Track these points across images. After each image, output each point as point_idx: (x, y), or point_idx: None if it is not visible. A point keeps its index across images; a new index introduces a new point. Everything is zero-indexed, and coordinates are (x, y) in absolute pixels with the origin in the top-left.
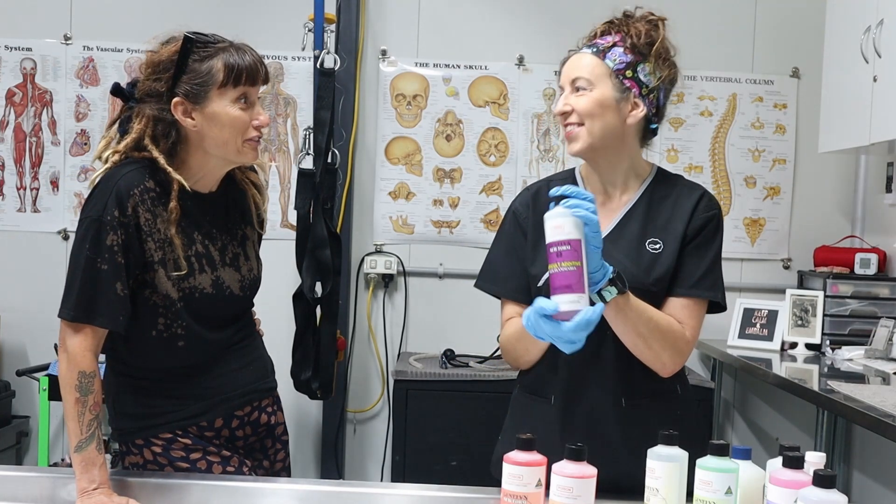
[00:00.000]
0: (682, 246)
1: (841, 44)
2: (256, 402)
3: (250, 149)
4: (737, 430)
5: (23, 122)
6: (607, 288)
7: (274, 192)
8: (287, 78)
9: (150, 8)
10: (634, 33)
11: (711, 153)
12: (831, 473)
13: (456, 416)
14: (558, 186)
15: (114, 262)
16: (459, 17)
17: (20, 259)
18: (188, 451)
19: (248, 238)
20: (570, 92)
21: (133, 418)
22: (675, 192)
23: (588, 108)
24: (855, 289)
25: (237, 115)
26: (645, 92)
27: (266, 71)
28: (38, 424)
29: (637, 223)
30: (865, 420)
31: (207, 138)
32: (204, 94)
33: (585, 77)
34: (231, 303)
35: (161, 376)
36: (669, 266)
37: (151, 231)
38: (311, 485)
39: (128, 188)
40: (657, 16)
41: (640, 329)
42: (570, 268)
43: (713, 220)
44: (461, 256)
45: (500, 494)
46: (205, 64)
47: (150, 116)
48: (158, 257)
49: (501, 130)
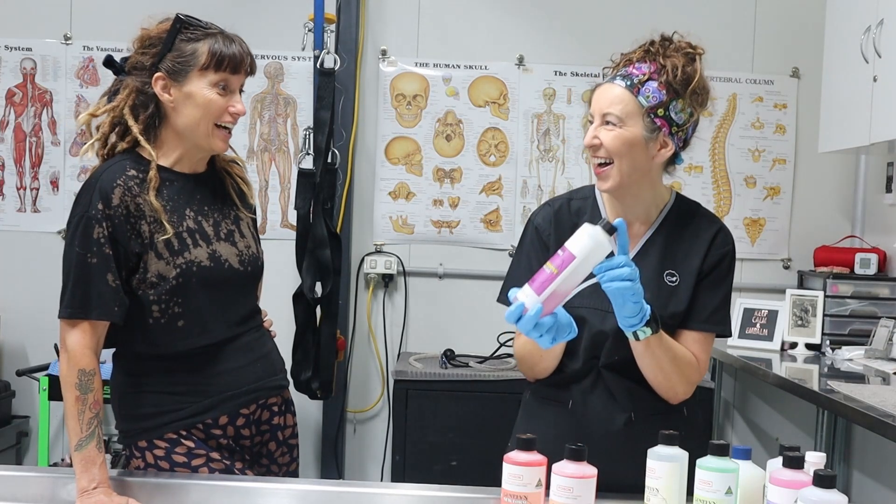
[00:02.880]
0: (698, 280)
1: (841, 44)
2: (263, 400)
3: (219, 138)
4: (737, 430)
5: (23, 122)
6: (642, 328)
7: (274, 192)
8: (287, 78)
9: (150, 8)
10: (671, 68)
11: (711, 153)
12: (831, 473)
13: (456, 416)
14: (604, 219)
15: (102, 254)
16: (459, 17)
17: (20, 259)
18: (190, 456)
19: (241, 219)
20: (600, 124)
21: (137, 419)
22: (693, 223)
23: (617, 146)
24: (855, 289)
25: (212, 98)
26: (675, 130)
27: (252, 63)
28: (38, 424)
29: (655, 255)
30: (865, 420)
31: (181, 116)
32: (185, 72)
33: (616, 114)
34: (231, 276)
35: (167, 368)
36: (685, 300)
37: (143, 214)
38: (311, 485)
39: (111, 181)
40: (695, 49)
41: (663, 365)
42: (547, 269)
43: (728, 255)
44: (461, 256)
45: (499, 494)
46: (190, 45)
47: (133, 88)
48: (150, 238)
49: (501, 130)
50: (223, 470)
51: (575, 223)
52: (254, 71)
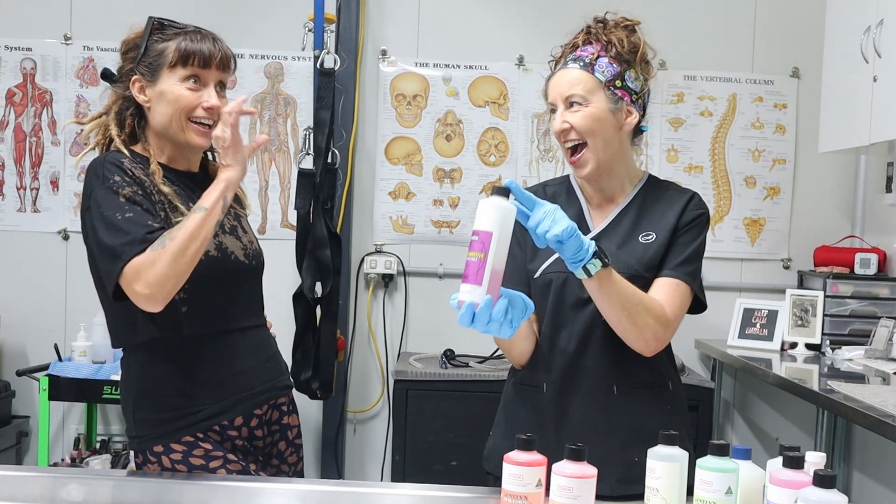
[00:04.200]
0: (672, 235)
1: (841, 44)
2: (273, 401)
3: (196, 132)
4: (737, 430)
5: (23, 122)
6: (591, 261)
7: (274, 192)
8: (287, 78)
9: (151, 8)
10: (616, 41)
11: (711, 153)
12: (831, 473)
13: (456, 416)
14: (494, 186)
15: (136, 210)
16: (459, 17)
17: (20, 259)
18: (208, 459)
19: (241, 216)
20: (565, 109)
21: (153, 424)
22: (667, 194)
23: (587, 123)
24: (855, 289)
25: (181, 93)
26: (635, 98)
27: (225, 58)
28: (38, 424)
29: (630, 220)
30: (865, 420)
31: (155, 114)
32: (157, 71)
33: (579, 93)
34: (238, 268)
35: (180, 370)
36: (662, 252)
37: (150, 193)
38: (311, 485)
39: (117, 157)
40: (632, 20)
41: (624, 303)
42: (473, 258)
43: (701, 217)
44: (461, 256)
45: (499, 494)
46: (162, 44)
47: (118, 95)
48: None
49: (501, 130)
50: (240, 471)
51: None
52: (228, 67)
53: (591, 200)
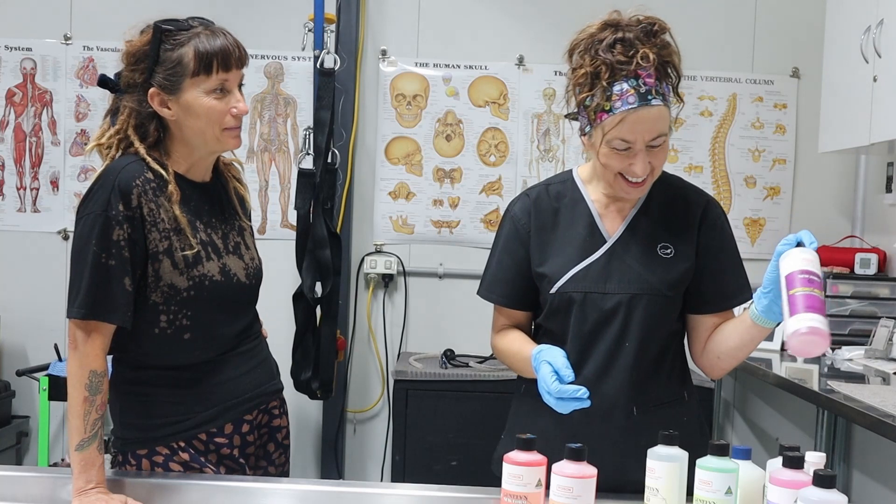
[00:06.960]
0: (704, 255)
1: (841, 44)
2: (264, 405)
3: (230, 136)
4: (737, 430)
5: (23, 122)
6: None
7: (274, 192)
8: (287, 78)
9: (151, 8)
10: (666, 63)
11: (711, 153)
12: (831, 473)
13: (456, 416)
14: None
15: (121, 257)
16: (459, 18)
17: (20, 259)
18: (186, 468)
19: (244, 229)
20: (646, 148)
21: (139, 429)
22: (681, 193)
23: (663, 160)
24: (855, 289)
25: (211, 105)
26: (674, 100)
27: (241, 54)
28: (38, 424)
29: (647, 226)
30: (865, 420)
31: (185, 128)
32: (178, 84)
33: (665, 131)
34: (239, 291)
35: (168, 381)
36: (683, 270)
37: (155, 221)
38: (311, 485)
39: (129, 180)
40: (654, 23)
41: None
42: (821, 295)
43: (725, 226)
44: (461, 256)
45: (500, 494)
46: (176, 52)
47: (132, 109)
48: (164, 247)
49: (501, 130)
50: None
51: (556, 208)
52: (245, 62)
53: (599, 200)
